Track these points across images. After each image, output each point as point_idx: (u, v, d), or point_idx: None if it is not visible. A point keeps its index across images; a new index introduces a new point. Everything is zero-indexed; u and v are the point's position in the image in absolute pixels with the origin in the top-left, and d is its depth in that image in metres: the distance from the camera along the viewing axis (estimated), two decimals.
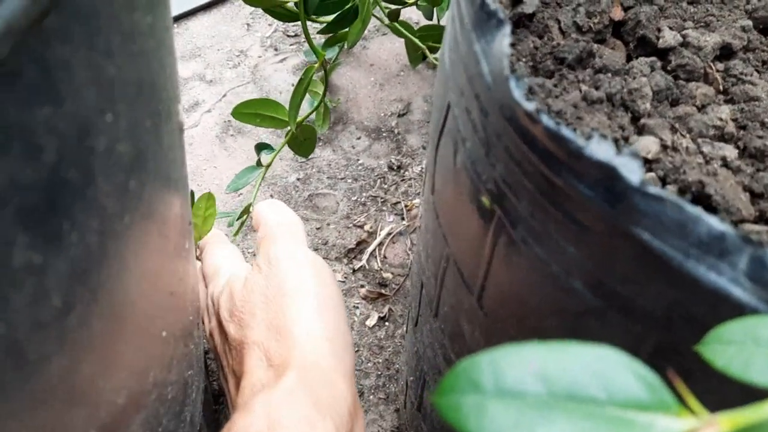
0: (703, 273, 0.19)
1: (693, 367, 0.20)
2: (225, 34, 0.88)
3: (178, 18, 0.88)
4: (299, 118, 0.67)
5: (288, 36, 0.89)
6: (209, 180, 0.73)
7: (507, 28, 0.23)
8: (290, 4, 0.64)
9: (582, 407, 0.14)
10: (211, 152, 0.75)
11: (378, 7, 0.73)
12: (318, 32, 0.73)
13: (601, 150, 0.20)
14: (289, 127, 0.66)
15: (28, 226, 0.15)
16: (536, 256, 0.24)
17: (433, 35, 0.78)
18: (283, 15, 0.65)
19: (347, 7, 0.65)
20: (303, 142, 0.68)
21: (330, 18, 0.67)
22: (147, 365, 0.26)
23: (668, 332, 0.22)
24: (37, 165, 0.15)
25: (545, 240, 0.23)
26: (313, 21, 0.70)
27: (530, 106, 0.21)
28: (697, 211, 0.19)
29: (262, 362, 0.37)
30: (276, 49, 0.87)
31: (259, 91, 0.82)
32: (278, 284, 0.40)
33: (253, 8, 0.90)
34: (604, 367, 0.14)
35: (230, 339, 0.40)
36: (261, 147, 0.69)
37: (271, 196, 0.72)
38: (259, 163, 0.68)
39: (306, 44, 0.88)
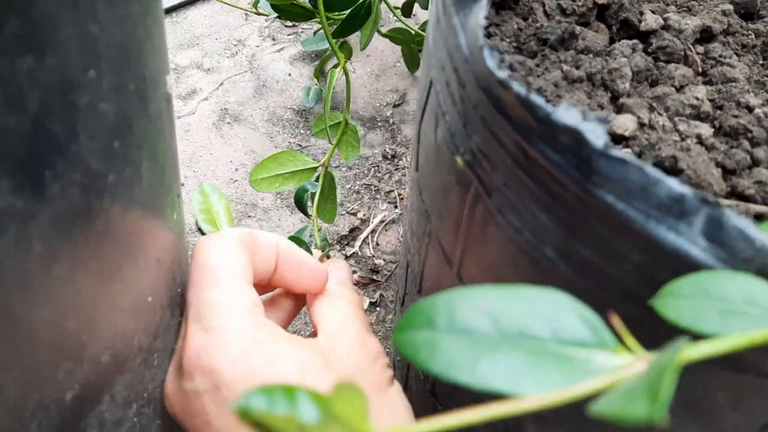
0: (664, 234, 0.20)
1: (662, 332, 0.21)
2: (223, 23, 0.89)
3: (177, 7, 0.89)
4: (325, 156, 0.58)
5: (285, 26, 0.89)
6: (205, 167, 0.74)
7: (483, 2, 0.24)
8: (305, 1, 0.62)
9: (527, 344, 0.14)
10: (207, 139, 0.76)
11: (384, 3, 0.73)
12: (332, 33, 0.70)
13: (568, 115, 0.20)
14: (316, 174, 0.57)
15: (11, 172, 0.16)
16: (511, 225, 0.25)
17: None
18: (298, 15, 0.62)
19: (361, 1, 0.61)
20: (327, 202, 0.57)
21: (342, 15, 0.63)
22: (132, 328, 0.27)
23: (634, 297, 0.22)
24: (19, 113, 0.16)
25: (519, 208, 0.24)
26: (331, 19, 0.67)
27: (502, 74, 0.22)
28: (657, 173, 0.19)
29: None
30: (273, 39, 0.87)
31: (256, 80, 0.82)
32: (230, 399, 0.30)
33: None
34: (551, 309, 0.15)
35: None
36: (303, 192, 0.58)
37: None
38: (301, 210, 0.59)
39: (303, 35, 0.89)
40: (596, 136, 0.20)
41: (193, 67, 0.83)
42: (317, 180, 0.57)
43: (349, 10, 0.62)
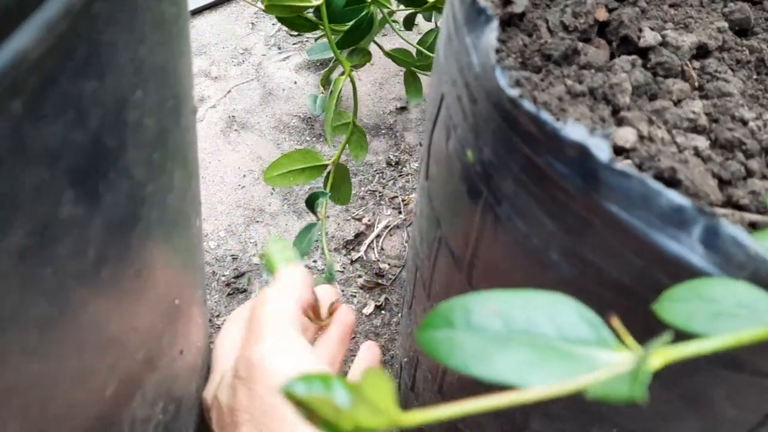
0: (664, 242, 0.21)
1: (659, 329, 0.23)
2: (230, 32, 0.90)
3: None
4: (336, 154, 0.63)
5: (291, 35, 0.91)
6: (213, 173, 0.75)
7: (494, 23, 0.26)
8: (309, 13, 0.63)
9: (534, 341, 0.16)
10: (215, 146, 0.77)
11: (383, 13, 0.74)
12: (336, 44, 0.71)
13: (574, 131, 0.22)
14: (327, 170, 0.62)
15: (74, 183, 0.18)
16: (519, 232, 0.27)
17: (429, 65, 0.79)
18: (301, 26, 0.64)
19: (363, 14, 0.64)
20: (340, 186, 0.63)
21: (345, 27, 0.66)
22: (162, 328, 0.29)
23: (636, 299, 0.24)
24: (83, 130, 0.17)
25: (527, 216, 0.26)
26: (335, 32, 0.69)
27: (513, 92, 0.23)
28: (658, 185, 0.21)
29: None
30: (279, 48, 0.89)
31: (262, 88, 0.84)
32: (264, 402, 0.35)
33: (257, 7, 0.93)
34: (556, 310, 0.17)
35: None
36: (315, 198, 0.61)
37: (273, 189, 0.75)
38: (312, 211, 0.63)
39: (308, 44, 0.90)
40: (601, 150, 0.22)
41: (201, 75, 0.85)
42: (328, 176, 0.61)
43: (351, 22, 0.64)
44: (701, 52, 0.36)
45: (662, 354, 0.16)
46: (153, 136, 0.22)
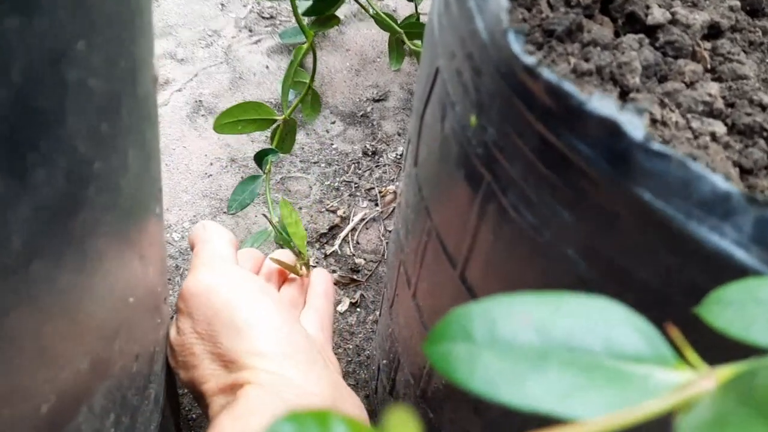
0: (705, 235, 0.18)
1: (691, 339, 0.20)
2: (198, 12, 0.86)
3: None
4: (288, 109, 0.65)
5: (263, 18, 0.87)
6: (178, 160, 0.71)
7: None
8: None
9: (577, 358, 0.13)
10: (181, 132, 0.73)
11: None
12: (303, 13, 0.70)
13: (603, 106, 0.19)
14: (276, 123, 0.64)
15: None
16: (528, 223, 0.23)
17: (415, 33, 0.76)
18: None
19: None
20: (285, 137, 0.66)
21: None
22: (113, 332, 0.25)
23: (665, 303, 0.21)
24: (1, 84, 0.13)
25: (538, 205, 0.23)
26: None
27: (530, 59, 0.20)
28: (701, 169, 0.18)
29: (220, 397, 0.35)
30: (251, 31, 0.85)
31: (231, 71, 0.80)
32: (206, 319, 0.37)
33: None
34: (602, 319, 0.13)
35: (184, 383, 0.38)
36: (264, 155, 0.62)
37: (242, 178, 0.70)
38: (259, 166, 0.64)
39: (281, 27, 0.86)
40: (635, 127, 0.19)
41: (167, 57, 0.80)
42: (276, 129, 0.64)
43: None
44: (712, 31, 0.34)
45: (727, 374, 0.13)
46: (100, 102, 0.18)
